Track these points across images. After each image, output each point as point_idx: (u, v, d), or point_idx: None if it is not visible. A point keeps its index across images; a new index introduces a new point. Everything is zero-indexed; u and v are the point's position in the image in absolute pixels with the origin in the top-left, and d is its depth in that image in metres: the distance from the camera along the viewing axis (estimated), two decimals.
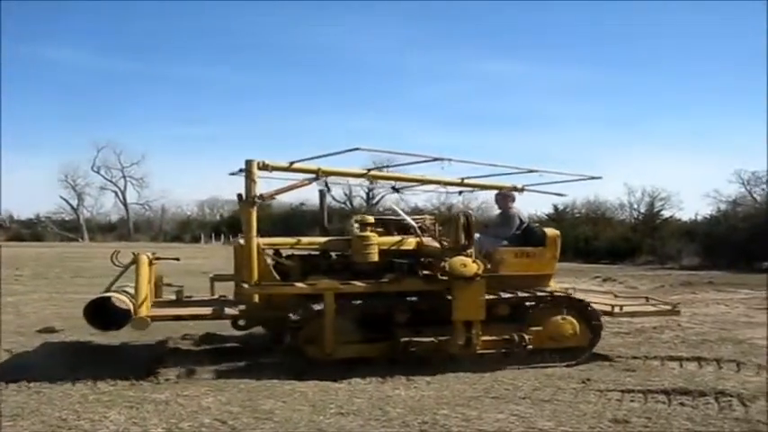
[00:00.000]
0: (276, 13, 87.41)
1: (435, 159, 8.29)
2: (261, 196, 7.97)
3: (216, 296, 8.77)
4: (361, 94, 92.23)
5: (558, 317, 7.83)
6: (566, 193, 10.29)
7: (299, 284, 7.68)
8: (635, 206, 44.36)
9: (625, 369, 7.45)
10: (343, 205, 62.59)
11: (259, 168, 7.92)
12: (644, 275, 23.08)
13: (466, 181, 9.44)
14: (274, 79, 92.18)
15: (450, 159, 8.28)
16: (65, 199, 69.24)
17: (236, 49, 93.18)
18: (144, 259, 7.58)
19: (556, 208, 41.40)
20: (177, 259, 9.51)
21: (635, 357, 8.07)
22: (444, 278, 7.49)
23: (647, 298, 9.50)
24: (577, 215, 43.47)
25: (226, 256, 27.48)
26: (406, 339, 7.27)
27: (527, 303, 7.83)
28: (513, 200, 8.97)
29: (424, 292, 7.70)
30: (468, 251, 7.53)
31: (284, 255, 8.43)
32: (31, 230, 61.44)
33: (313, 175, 8.29)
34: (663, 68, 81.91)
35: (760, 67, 74.84)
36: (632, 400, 6.14)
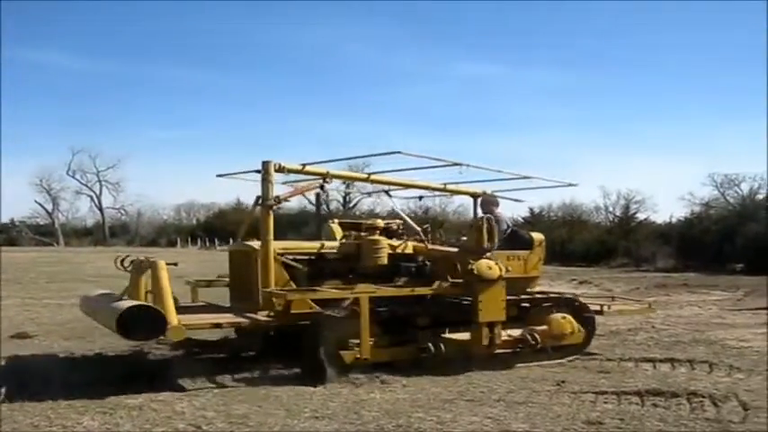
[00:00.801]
0: (255, 15, 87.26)
1: (455, 164, 8.52)
2: (278, 198, 7.78)
3: (202, 302, 8.70)
4: (340, 96, 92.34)
5: (559, 316, 8.08)
6: (523, 199, 10.85)
7: (333, 290, 7.54)
8: (610, 209, 44.71)
9: (599, 371, 7.51)
10: (319, 209, 62.53)
11: (276, 170, 7.76)
12: (619, 278, 23.26)
13: (448, 186, 9.53)
14: (252, 82, 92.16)
15: (468, 165, 8.56)
16: (40, 203, 68.80)
17: (215, 51, 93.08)
18: (163, 265, 7.13)
19: (532, 211, 41.58)
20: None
21: (609, 359, 8.13)
22: (469, 281, 7.63)
23: (612, 297, 9.84)
24: (554, 218, 43.66)
25: (202, 260, 27.51)
26: (433, 342, 7.41)
27: (529, 304, 8.26)
28: (497, 204, 9.24)
29: (441, 294, 7.90)
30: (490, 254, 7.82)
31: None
32: (5, 235, 60.85)
33: (320, 178, 8.25)
34: (638, 72, 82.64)
35: (735, 70, 75.66)
36: (606, 402, 6.17)
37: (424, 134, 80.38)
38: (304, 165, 8.09)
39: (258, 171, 7.80)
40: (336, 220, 9.10)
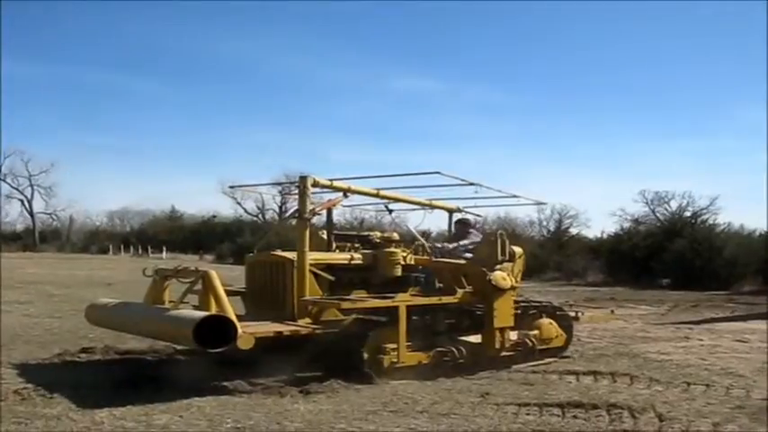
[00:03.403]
0: (191, 24, 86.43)
1: (471, 184, 9.46)
2: (313, 212, 8.14)
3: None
4: (275, 108, 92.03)
5: (546, 321, 9.07)
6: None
7: (375, 299, 7.92)
8: (544, 223, 45.35)
9: (523, 383, 7.59)
10: (255, 218, 62.15)
11: (312, 185, 8.15)
12: (550, 291, 23.60)
13: (434, 202, 10.34)
14: (188, 90, 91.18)
15: (480, 185, 9.53)
16: None
17: (154, 59, 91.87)
18: (215, 275, 7.13)
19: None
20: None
21: (534, 372, 8.24)
22: (486, 290, 8.30)
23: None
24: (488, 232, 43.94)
25: (132, 268, 27.06)
26: (452, 345, 7.98)
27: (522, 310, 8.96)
28: (473, 225, 10.44)
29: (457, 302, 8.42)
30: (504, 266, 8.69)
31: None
32: None
33: (342, 194, 8.76)
34: (574, 90, 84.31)
35: (667, 87, 77.77)
36: (528, 414, 6.24)
37: (360, 147, 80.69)
38: (332, 180, 8.55)
39: (273, 183, 8.35)
40: (325, 232, 9.28)
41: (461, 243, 9.65)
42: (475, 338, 8.31)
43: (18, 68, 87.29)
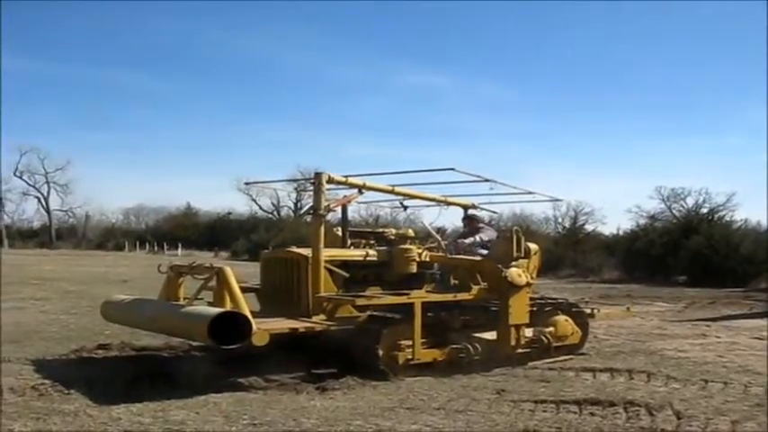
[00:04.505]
0: (205, 21, 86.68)
1: (487, 180, 9.40)
2: (328, 208, 8.14)
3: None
4: (289, 105, 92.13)
5: (562, 318, 8.97)
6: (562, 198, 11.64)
7: (390, 295, 8.00)
8: (559, 220, 45.12)
9: (540, 380, 7.56)
10: (270, 215, 62.23)
11: (327, 182, 8.13)
12: (565, 288, 23.50)
13: (449, 199, 10.13)
14: (202, 88, 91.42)
15: (495, 181, 9.49)
16: None
17: (164, 57, 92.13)
18: (230, 271, 7.16)
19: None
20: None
21: (551, 369, 8.20)
22: (501, 287, 8.28)
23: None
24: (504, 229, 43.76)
25: (147, 265, 27.16)
26: (467, 342, 7.92)
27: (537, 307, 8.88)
28: (482, 220, 10.39)
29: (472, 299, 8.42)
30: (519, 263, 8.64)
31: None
32: None
33: (357, 190, 8.72)
34: (586, 87, 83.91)
35: (684, 85, 77.31)
36: (545, 411, 6.22)
37: (373, 143, 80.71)
38: (347, 177, 8.51)
39: (288, 180, 8.35)
40: (340, 229, 9.32)
41: (478, 238, 9.63)
42: (490, 335, 8.22)
43: (34, 66, 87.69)
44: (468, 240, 9.59)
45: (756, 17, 70.11)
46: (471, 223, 10.19)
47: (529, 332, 8.50)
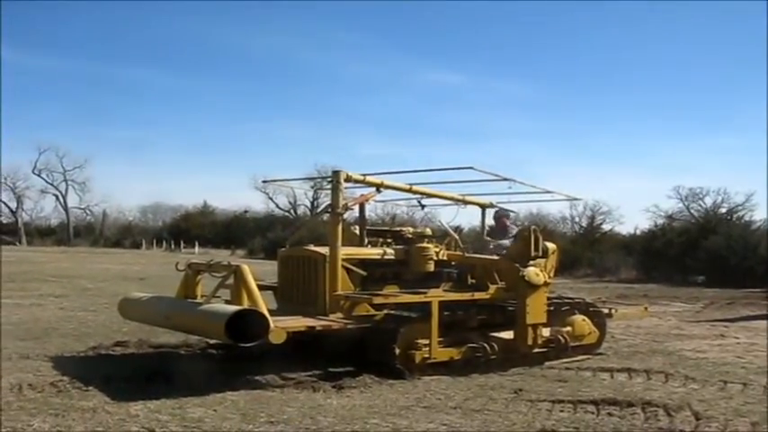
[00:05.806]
0: (223, 19, 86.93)
1: (505, 179, 9.30)
2: (346, 206, 8.16)
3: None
4: (306, 103, 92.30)
5: (579, 318, 8.94)
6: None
7: (408, 294, 7.97)
8: (577, 219, 44.95)
9: (557, 380, 7.54)
10: (287, 213, 62.33)
11: (345, 180, 8.14)
12: (582, 288, 23.37)
13: (467, 198, 10.13)
14: (219, 86, 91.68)
15: (513, 180, 9.39)
16: (3, 202, 67.92)
17: (182, 54, 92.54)
18: (247, 269, 7.17)
19: None
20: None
21: (568, 368, 8.17)
22: (519, 286, 8.24)
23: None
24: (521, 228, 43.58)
25: (165, 263, 27.32)
26: (484, 341, 7.91)
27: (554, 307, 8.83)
28: (509, 217, 10.49)
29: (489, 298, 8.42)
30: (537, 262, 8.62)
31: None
32: None
33: (374, 189, 8.71)
34: (604, 86, 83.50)
35: (702, 86, 76.81)
36: (562, 411, 6.20)
37: (390, 141, 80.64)
38: (365, 175, 8.51)
39: (306, 178, 8.34)
40: (357, 227, 9.29)
41: (509, 238, 9.68)
42: (507, 335, 8.22)
43: (51, 63, 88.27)
44: (505, 241, 9.65)
45: None
46: (501, 221, 10.27)
47: (546, 332, 8.45)
